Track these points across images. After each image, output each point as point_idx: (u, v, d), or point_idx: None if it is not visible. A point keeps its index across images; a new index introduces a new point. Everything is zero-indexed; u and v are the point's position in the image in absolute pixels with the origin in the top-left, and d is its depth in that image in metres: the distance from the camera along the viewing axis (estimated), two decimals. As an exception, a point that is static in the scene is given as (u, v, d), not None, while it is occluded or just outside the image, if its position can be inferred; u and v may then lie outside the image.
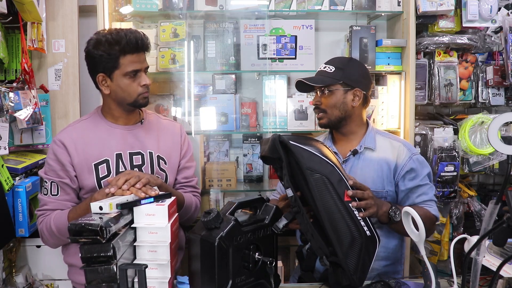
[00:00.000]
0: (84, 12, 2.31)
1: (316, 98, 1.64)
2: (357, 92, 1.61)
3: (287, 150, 1.27)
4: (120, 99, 1.49)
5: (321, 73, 1.64)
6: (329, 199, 1.25)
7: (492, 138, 1.01)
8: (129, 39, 1.42)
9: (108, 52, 1.42)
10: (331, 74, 1.61)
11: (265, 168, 2.57)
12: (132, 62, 1.45)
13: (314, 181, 1.24)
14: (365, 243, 1.26)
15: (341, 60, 1.70)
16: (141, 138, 1.56)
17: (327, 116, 1.62)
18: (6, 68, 2.02)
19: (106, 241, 1.06)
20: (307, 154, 1.27)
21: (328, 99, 1.61)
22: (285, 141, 1.27)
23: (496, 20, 2.26)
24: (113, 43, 1.42)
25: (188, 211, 1.60)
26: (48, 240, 1.50)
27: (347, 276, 1.25)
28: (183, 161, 1.65)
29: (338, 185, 1.26)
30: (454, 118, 2.38)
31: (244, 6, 2.33)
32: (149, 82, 1.49)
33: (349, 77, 1.60)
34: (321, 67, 1.66)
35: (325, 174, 1.26)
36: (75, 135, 1.50)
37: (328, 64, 1.65)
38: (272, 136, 1.29)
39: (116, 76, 1.46)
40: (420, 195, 1.57)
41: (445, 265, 2.36)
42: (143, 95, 1.49)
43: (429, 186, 1.59)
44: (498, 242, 1.07)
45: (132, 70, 1.45)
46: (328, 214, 1.24)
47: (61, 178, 1.47)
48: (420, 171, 1.59)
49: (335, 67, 1.62)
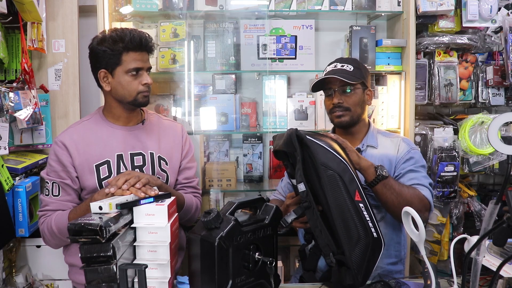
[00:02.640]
0: (84, 12, 2.31)
1: (337, 97, 1.64)
2: (369, 91, 1.69)
3: (303, 145, 1.28)
4: (120, 97, 1.49)
5: (343, 72, 1.63)
6: (340, 196, 1.26)
7: (492, 138, 1.01)
8: (133, 36, 1.44)
9: (112, 48, 1.43)
10: (352, 73, 1.63)
11: (265, 168, 2.57)
12: (135, 60, 1.46)
13: (327, 178, 1.25)
14: (371, 244, 1.27)
15: (353, 60, 1.72)
16: (142, 139, 1.56)
17: (351, 114, 1.64)
18: (6, 68, 2.02)
19: (106, 241, 1.06)
20: (322, 150, 1.28)
21: (352, 97, 1.64)
22: (302, 135, 1.28)
23: (496, 20, 2.26)
24: (117, 39, 1.44)
25: (189, 212, 1.60)
26: (50, 241, 1.50)
27: (351, 275, 1.25)
28: (184, 161, 1.65)
29: (350, 183, 1.27)
30: (454, 118, 2.38)
31: (244, 6, 2.33)
32: (150, 81, 1.50)
33: (365, 77, 1.66)
34: (337, 65, 1.66)
35: (338, 172, 1.27)
36: (76, 136, 1.50)
37: (342, 63, 1.66)
38: (289, 130, 1.30)
39: (117, 73, 1.46)
40: (412, 179, 1.57)
41: (445, 265, 2.35)
42: (143, 94, 1.49)
43: (423, 175, 1.59)
44: (498, 242, 1.07)
45: (134, 67, 1.46)
46: (339, 211, 1.25)
47: (62, 179, 1.47)
48: (417, 160, 1.61)
49: (353, 66, 1.64)
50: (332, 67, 1.67)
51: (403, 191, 1.45)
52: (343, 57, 2.16)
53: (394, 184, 1.45)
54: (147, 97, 1.51)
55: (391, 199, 1.44)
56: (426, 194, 1.52)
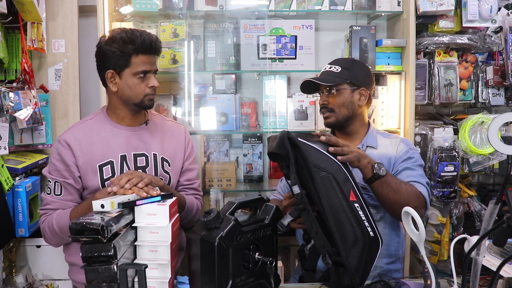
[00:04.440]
0: (84, 12, 2.31)
1: (323, 98, 1.66)
2: (363, 91, 1.65)
3: (295, 147, 1.28)
4: (127, 98, 1.49)
5: (328, 73, 1.65)
6: (334, 197, 1.25)
7: (492, 138, 1.01)
8: (144, 39, 1.44)
9: (122, 49, 1.43)
10: (337, 73, 1.63)
11: (265, 168, 2.57)
12: (144, 63, 1.46)
13: (320, 179, 1.25)
14: (368, 243, 1.27)
15: (346, 60, 1.72)
16: (145, 140, 1.56)
17: (335, 115, 1.64)
18: (6, 68, 2.02)
19: (107, 240, 1.06)
20: (315, 152, 1.28)
21: (336, 98, 1.63)
22: (293, 137, 1.27)
23: (496, 20, 2.26)
24: (127, 41, 1.43)
25: (190, 213, 1.60)
26: (50, 239, 1.50)
27: (349, 275, 1.25)
28: (186, 163, 1.65)
29: (344, 184, 1.27)
30: (454, 118, 2.38)
31: (244, 6, 2.33)
32: (157, 84, 1.50)
33: (355, 76, 1.64)
34: (326, 67, 1.68)
35: (331, 173, 1.27)
36: (80, 135, 1.50)
37: (333, 64, 1.67)
38: (281, 132, 1.30)
39: (125, 75, 1.46)
40: (409, 176, 1.56)
41: (445, 265, 2.36)
42: (149, 97, 1.50)
43: (420, 173, 1.58)
44: (498, 242, 1.07)
45: (142, 70, 1.46)
46: (333, 212, 1.25)
47: (65, 178, 1.47)
48: (416, 160, 1.61)
49: (341, 67, 1.64)
50: (323, 69, 1.69)
51: (400, 189, 1.45)
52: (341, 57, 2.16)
53: (392, 182, 1.45)
54: (152, 100, 1.52)
55: (388, 196, 1.44)
56: (423, 191, 1.52)
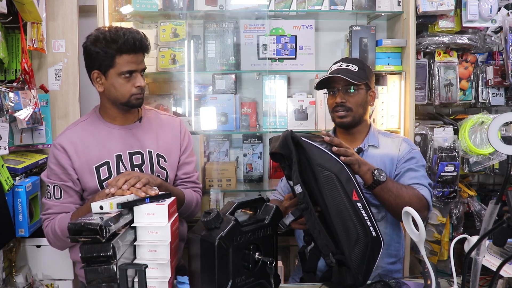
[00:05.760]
0: (84, 12, 2.31)
1: (340, 96, 1.64)
2: (372, 92, 1.69)
3: (298, 147, 1.28)
4: (113, 98, 1.49)
5: (348, 71, 1.63)
6: (337, 196, 1.26)
7: (492, 138, 1.01)
8: (127, 39, 1.41)
9: (105, 50, 1.41)
10: (357, 73, 1.63)
11: (265, 168, 2.57)
12: (128, 63, 1.44)
13: (323, 178, 1.26)
14: (370, 243, 1.27)
15: (358, 60, 1.72)
16: (140, 137, 1.56)
17: (353, 114, 1.64)
18: (6, 68, 2.02)
19: (106, 240, 1.06)
20: (318, 151, 1.28)
21: (355, 97, 1.63)
22: (297, 137, 1.28)
23: (496, 20, 2.26)
24: (110, 41, 1.41)
25: (189, 207, 1.60)
26: (55, 243, 1.51)
27: (351, 274, 1.25)
28: (183, 156, 1.64)
29: (347, 183, 1.28)
30: (454, 118, 2.38)
31: (244, 6, 2.33)
32: (143, 84, 1.48)
33: (369, 77, 1.67)
34: (342, 65, 1.66)
35: (334, 172, 1.27)
36: (75, 138, 1.50)
37: (346, 62, 1.67)
38: (284, 132, 1.31)
39: (110, 75, 1.45)
40: (412, 178, 1.57)
41: (445, 265, 2.35)
42: (136, 96, 1.48)
43: (423, 174, 1.59)
44: (498, 242, 1.07)
45: (127, 70, 1.44)
46: (337, 211, 1.25)
47: (63, 181, 1.48)
48: (418, 160, 1.62)
49: (358, 67, 1.64)
50: (337, 67, 1.67)
51: (401, 193, 1.45)
52: (348, 57, 2.16)
53: (392, 187, 1.45)
54: (140, 99, 1.50)
55: (389, 201, 1.45)
56: (425, 193, 1.52)
